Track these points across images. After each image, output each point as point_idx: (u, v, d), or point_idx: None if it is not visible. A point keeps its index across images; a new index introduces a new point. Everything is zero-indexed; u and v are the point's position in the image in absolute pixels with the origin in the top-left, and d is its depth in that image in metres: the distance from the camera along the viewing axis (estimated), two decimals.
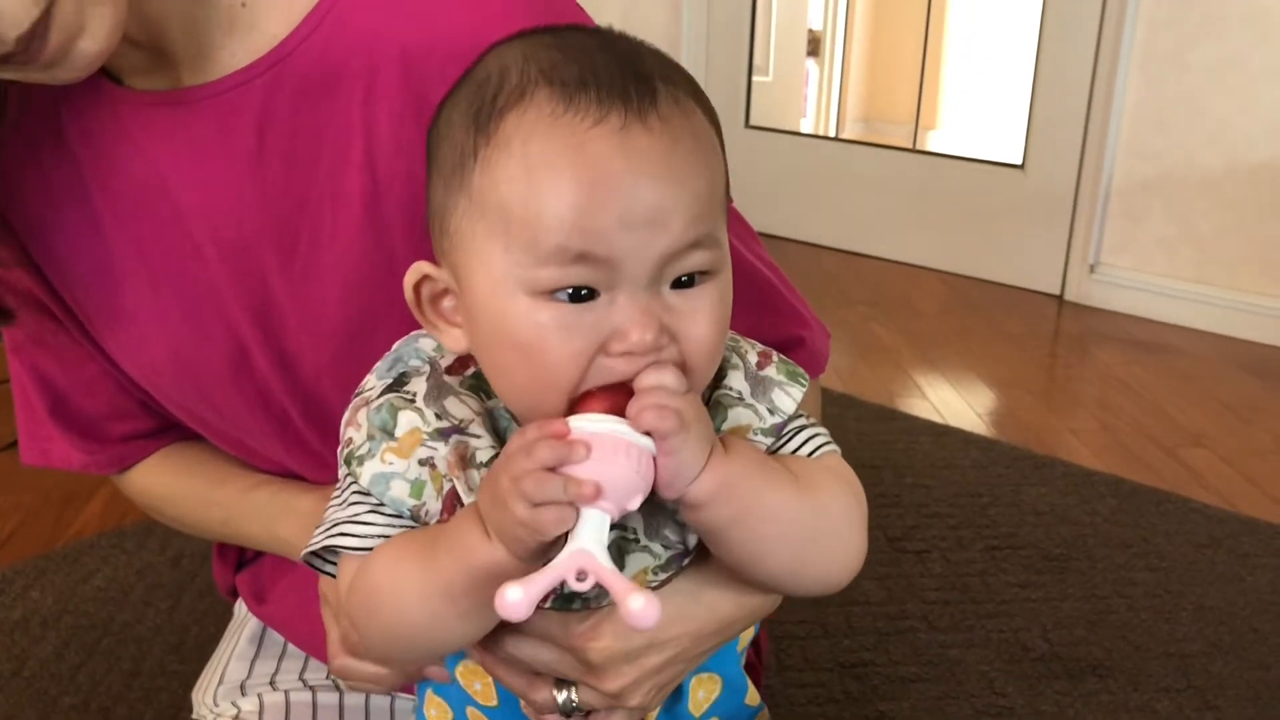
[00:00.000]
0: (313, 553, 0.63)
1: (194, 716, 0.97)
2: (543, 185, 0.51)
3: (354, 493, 0.61)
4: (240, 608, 1.01)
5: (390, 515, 0.60)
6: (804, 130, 4.58)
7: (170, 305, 0.78)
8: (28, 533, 1.89)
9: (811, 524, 0.59)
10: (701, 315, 0.54)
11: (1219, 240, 2.90)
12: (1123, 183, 3.02)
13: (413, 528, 0.60)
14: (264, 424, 0.81)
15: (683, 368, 0.54)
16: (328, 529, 0.61)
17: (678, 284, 0.54)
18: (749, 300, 0.79)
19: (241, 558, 1.01)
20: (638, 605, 0.48)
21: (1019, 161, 3.25)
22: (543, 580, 0.49)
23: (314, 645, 0.93)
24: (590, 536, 0.50)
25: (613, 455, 0.51)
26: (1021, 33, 3.51)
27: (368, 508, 0.60)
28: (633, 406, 0.51)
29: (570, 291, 0.52)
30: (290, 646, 0.95)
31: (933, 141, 4.61)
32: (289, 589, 0.93)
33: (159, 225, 0.76)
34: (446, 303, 0.59)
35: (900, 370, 2.67)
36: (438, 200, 0.57)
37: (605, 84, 0.51)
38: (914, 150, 3.78)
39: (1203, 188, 2.89)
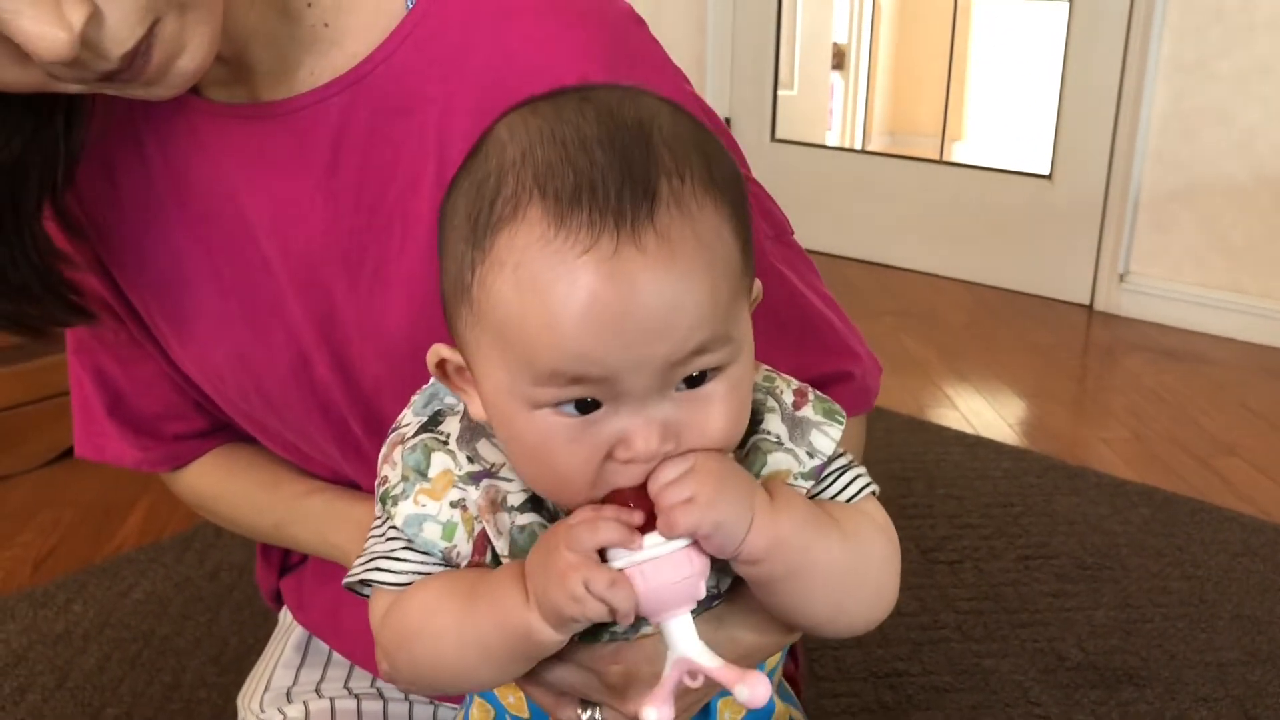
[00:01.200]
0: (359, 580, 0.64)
1: None
2: (534, 312, 0.50)
3: (390, 528, 0.62)
4: (285, 615, 1.03)
5: (424, 553, 0.61)
6: (830, 143, 4.59)
7: (236, 311, 0.79)
8: (68, 548, 1.92)
9: (855, 574, 0.60)
10: (713, 411, 0.54)
11: (1249, 248, 2.89)
12: (1151, 192, 3.01)
13: (445, 568, 0.61)
14: (323, 430, 0.82)
15: None
16: (365, 562, 0.62)
17: (689, 380, 0.53)
18: (799, 336, 0.79)
19: (285, 563, 1.02)
20: (744, 695, 0.51)
21: (1046, 172, 3.24)
22: (664, 692, 0.53)
23: (356, 652, 0.94)
24: (684, 643, 0.53)
25: (664, 573, 0.53)
26: (1047, 43, 3.51)
27: (402, 544, 0.61)
28: (665, 517, 0.53)
29: (575, 402, 0.52)
30: (335, 654, 0.97)
31: (959, 153, 4.61)
32: (331, 597, 0.94)
33: (229, 234, 0.77)
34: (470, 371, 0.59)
35: (929, 381, 2.67)
36: (446, 295, 0.57)
37: (600, 199, 0.49)
38: (940, 162, 3.78)
39: (1231, 196, 2.88)
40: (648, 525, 0.53)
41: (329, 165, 0.73)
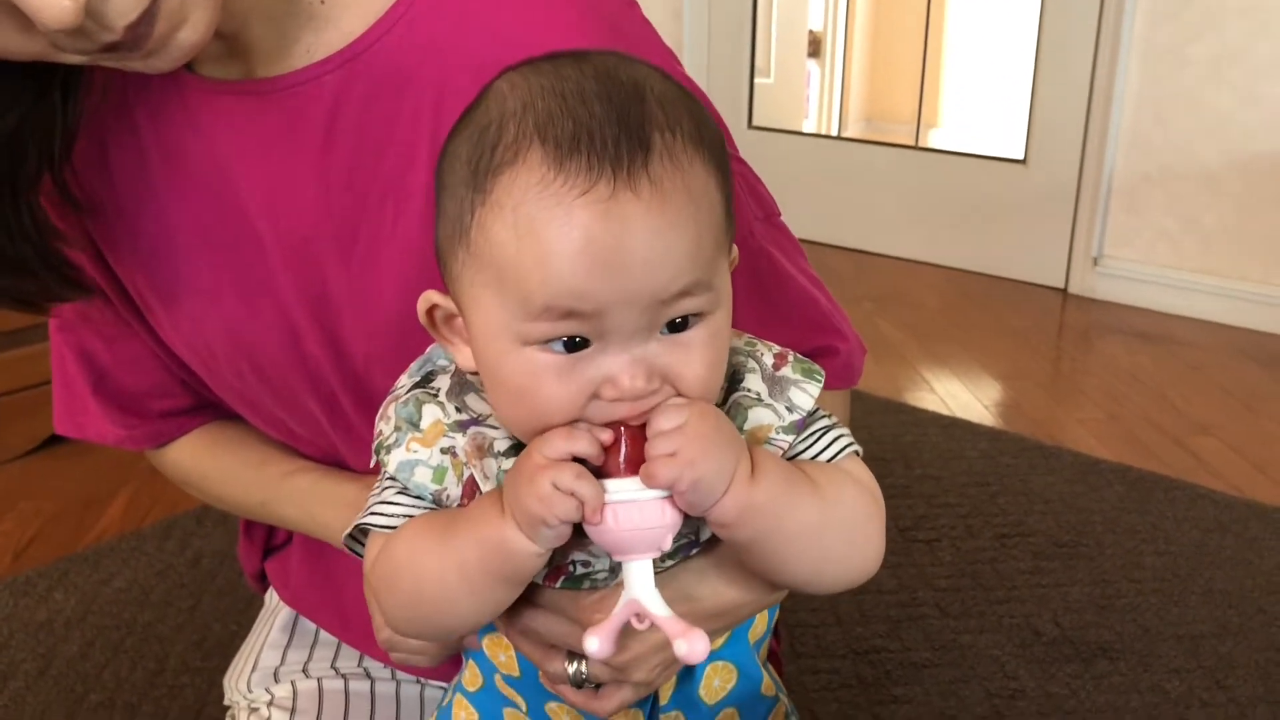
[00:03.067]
0: (351, 538, 0.66)
1: (226, 702, 0.99)
2: (530, 250, 0.53)
3: (386, 478, 0.64)
4: (271, 596, 1.03)
5: (415, 497, 0.63)
6: (806, 130, 4.61)
7: (227, 287, 0.79)
8: (49, 537, 1.92)
9: (832, 535, 0.62)
10: (695, 356, 0.56)
11: (1221, 232, 2.92)
12: (1124, 176, 3.04)
13: (433, 509, 0.62)
14: (313, 405, 0.83)
15: None
16: (363, 512, 0.64)
17: (672, 326, 0.56)
18: (785, 314, 0.81)
19: (269, 543, 1.03)
20: (683, 650, 0.53)
21: (1021, 157, 3.27)
22: (609, 626, 0.56)
23: (343, 630, 0.95)
24: (639, 586, 0.56)
25: (635, 518, 0.55)
26: (1021, 28, 3.53)
27: (396, 489, 0.63)
28: (646, 467, 0.55)
29: (564, 340, 0.54)
30: (322, 635, 0.98)
31: (935, 139, 4.63)
32: (318, 575, 0.95)
33: (221, 210, 0.77)
34: (459, 321, 0.61)
35: (907, 365, 2.69)
36: (442, 240, 0.59)
37: (598, 145, 0.52)
38: (916, 148, 3.80)
39: (1204, 180, 2.91)
40: (636, 465, 0.55)
41: (323, 142, 0.74)
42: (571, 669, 0.67)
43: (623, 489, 0.55)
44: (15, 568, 1.82)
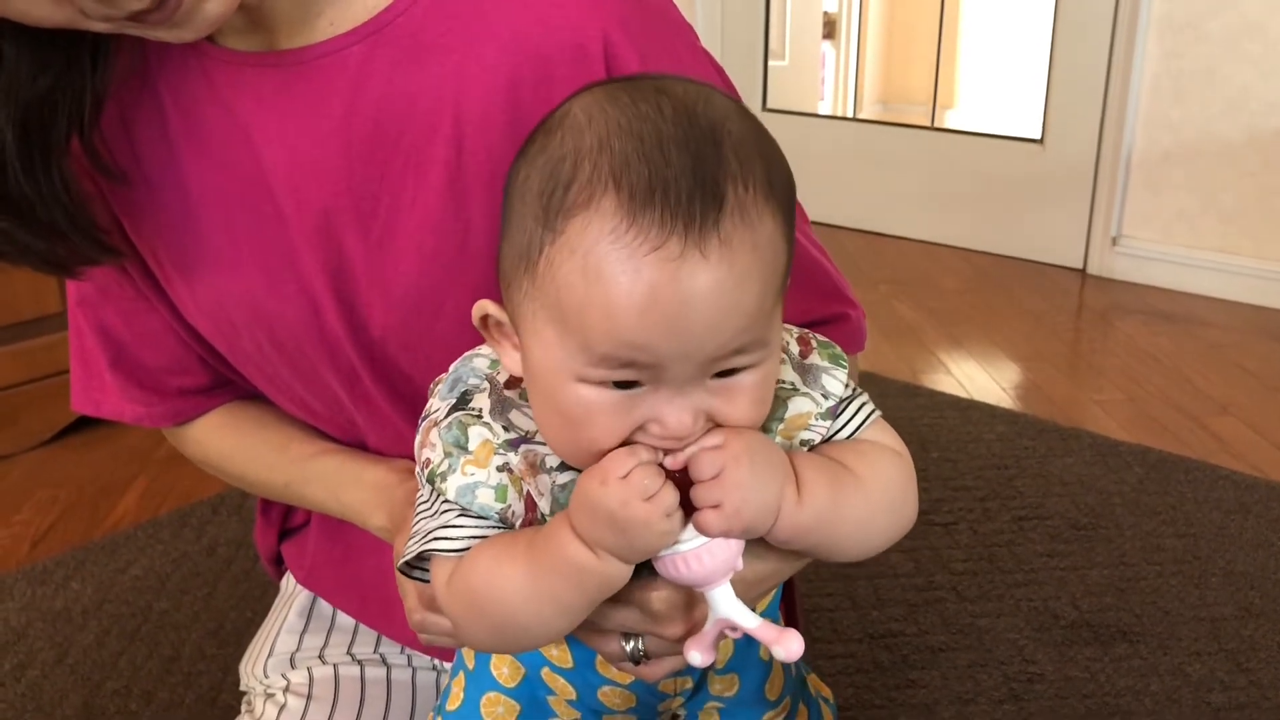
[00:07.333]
0: (407, 564, 0.66)
1: (241, 688, 0.99)
2: (597, 300, 0.53)
3: (442, 502, 0.64)
4: (288, 582, 1.03)
5: (477, 517, 0.63)
6: (822, 113, 4.58)
7: (247, 259, 0.80)
8: (65, 526, 1.93)
9: (879, 516, 0.66)
10: (742, 399, 0.58)
11: (1241, 209, 2.89)
12: (1143, 154, 3.00)
13: (500, 528, 0.63)
14: (332, 380, 0.83)
15: None
16: (422, 539, 0.64)
17: (721, 373, 0.57)
18: (801, 283, 0.82)
19: (285, 524, 1.03)
20: (782, 654, 0.57)
21: (1038, 136, 3.24)
22: (706, 639, 0.61)
23: (361, 611, 0.95)
24: (725, 607, 0.59)
25: (706, 560, 0.58)
26: (1037, 6, 3.49)
27: (456, 512, 0.63)
28: (697, 518, 0.57)
29: (618, 381, 0.56)
30: (339, 619, 0.97)
31: (951, 119, 4.59)
32: (336, 556, 0.95)
33: (242, 182, 0.78)
34: (508, 326, 0.62)
35: (924, 348, 2.68)
36: (507, 264, 0.59)
37: (671, 200, 0.52)
38: (932, 128, 3.77)
39: (1223, 157, 2.88)
40: (688, 508, 0.58)
41: (345, 114, 0.74)
42: (629, 647, 0.68)
43: (688, 536, 0.58)
44: (32, 556, 1.83)
